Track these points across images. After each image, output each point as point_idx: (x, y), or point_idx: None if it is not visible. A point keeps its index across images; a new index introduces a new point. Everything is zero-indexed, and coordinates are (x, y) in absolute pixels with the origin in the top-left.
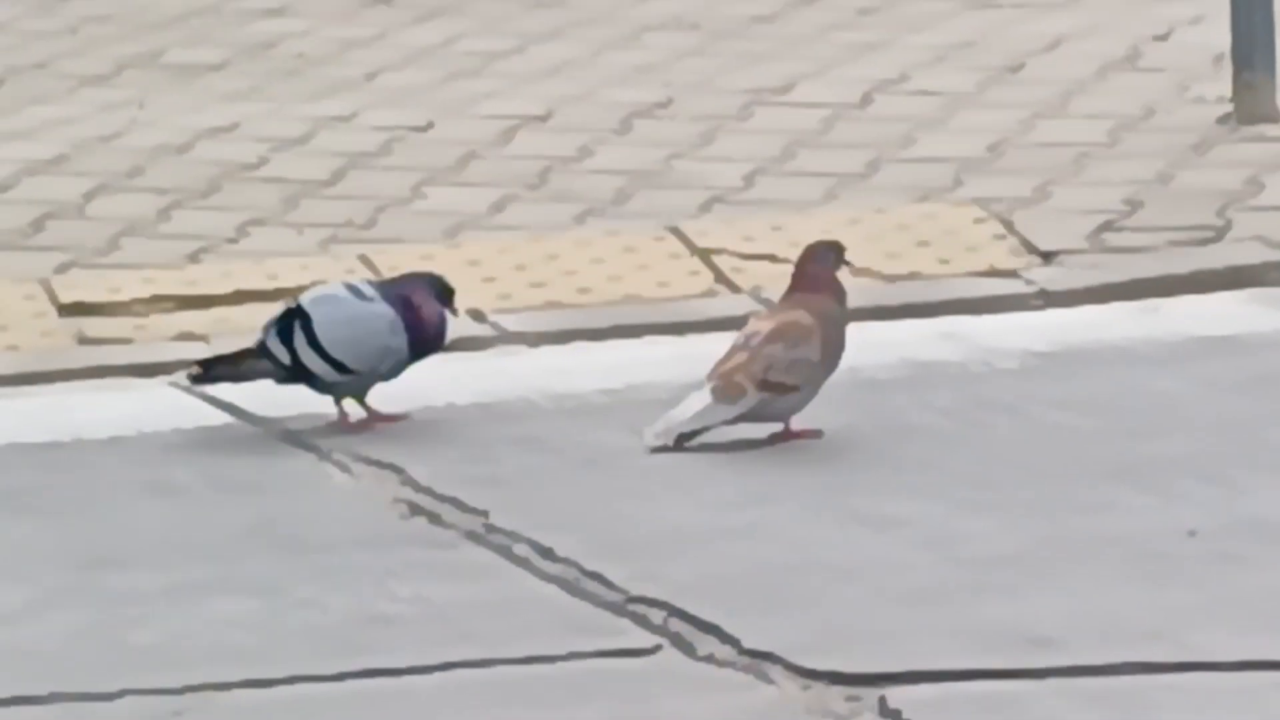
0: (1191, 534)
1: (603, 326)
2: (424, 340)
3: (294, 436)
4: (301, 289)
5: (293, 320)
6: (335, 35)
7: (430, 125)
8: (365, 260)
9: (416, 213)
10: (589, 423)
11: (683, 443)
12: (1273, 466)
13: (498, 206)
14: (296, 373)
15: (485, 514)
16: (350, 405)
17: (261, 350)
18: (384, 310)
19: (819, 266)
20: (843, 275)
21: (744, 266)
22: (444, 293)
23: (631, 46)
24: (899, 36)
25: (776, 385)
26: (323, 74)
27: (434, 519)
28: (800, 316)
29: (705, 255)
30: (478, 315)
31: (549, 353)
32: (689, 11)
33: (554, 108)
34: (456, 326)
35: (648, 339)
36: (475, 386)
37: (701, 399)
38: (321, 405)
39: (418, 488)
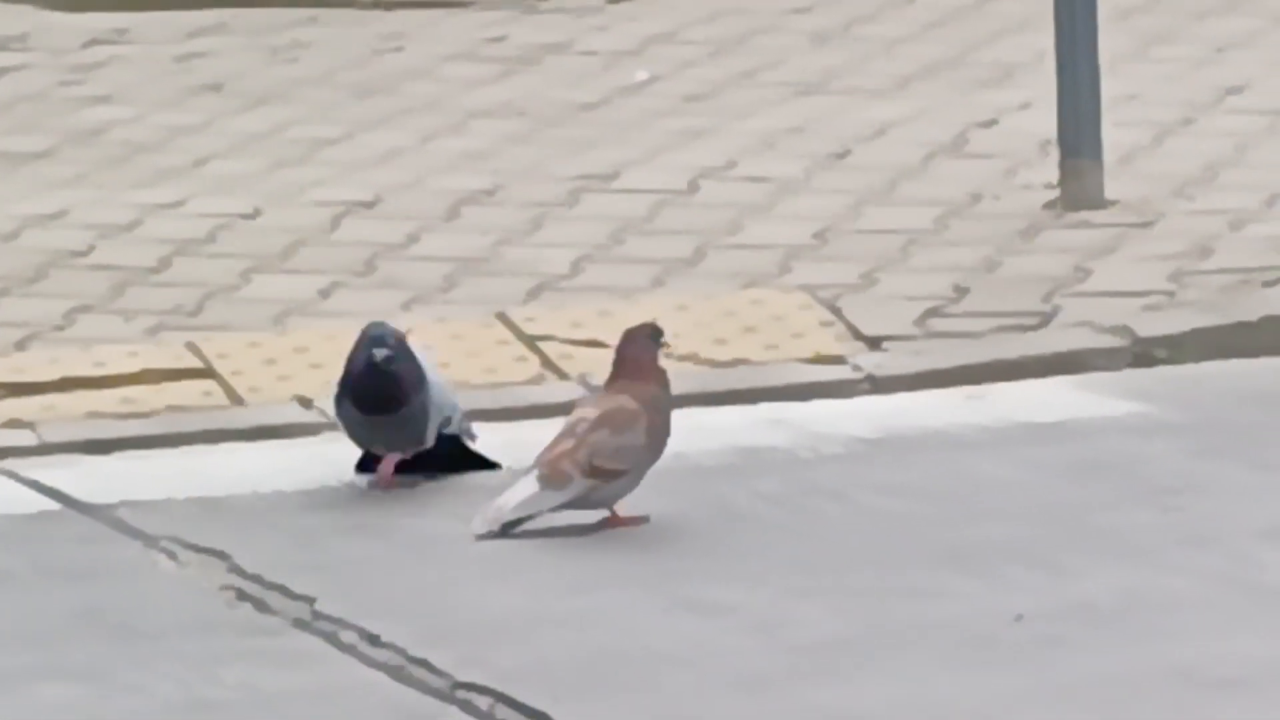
0: (1018, 619)
1: None
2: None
3: (121, 523)
4: (130, 376)
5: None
6: (163, 122)
7: (258, 212)
8: (193, 348)
9: (244, 300)
10: (416, 509)
11: (509, 530)
12: (1099, 551)
13: (325, 294)
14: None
15: (312, 600)
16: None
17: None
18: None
19: (639, 351)
20: (664, 359)
21: (572, 353)
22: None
23: (459, 134)
24: (726, 123)
25: (603, 471)
26: (150, 161)
27: (260, 606)
28: (625, 402)
29: (533, 342)
30: (305, 402)
31: None
32: (516, 99)
33: (381, 195)
34: (283, 413)
35: (475, 425)
36: (302, 473)
37: (528, 486)
38: (148, 491)
39: (244, 574)
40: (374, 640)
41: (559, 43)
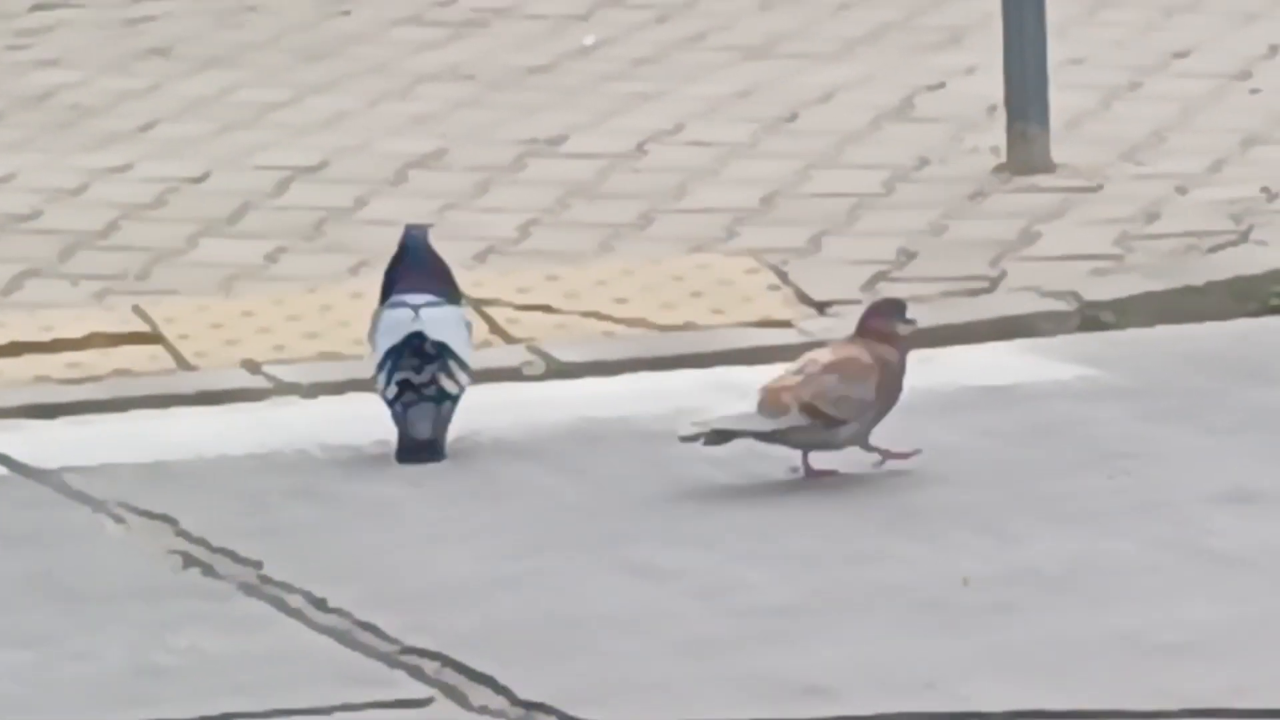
0: (965, 583)
1: None
2: None
3: (68, 488)
4: (77, 341)
5: (447, 360)
6: (110, 86)
7: (205, 176)
8: (140, 312)
9: (191, 264)
10: (363, 473)
11: (716, 439)
12: (1046, 516)
13: (272, 257)
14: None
15: (259, 565)
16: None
17: (445, 396)
18: (452, 307)
19: (882, 322)
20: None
21: (519, 317)
22: None
23: (406, 97)
24: (674, 87)
25: (819, 414)
26: (97, 125)
27: (208, 570)
28: (862, 355)
29: (480, 306)
30: (252, 366)
31: (324, 403)
32: (464, 63)
33: (329, 159)
34: (230, 378)
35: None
36: (249, 437)
37: (744, 405)
38: (95, 455)
39: (192, 539)
40: (321, 604)
41: (507, 6)
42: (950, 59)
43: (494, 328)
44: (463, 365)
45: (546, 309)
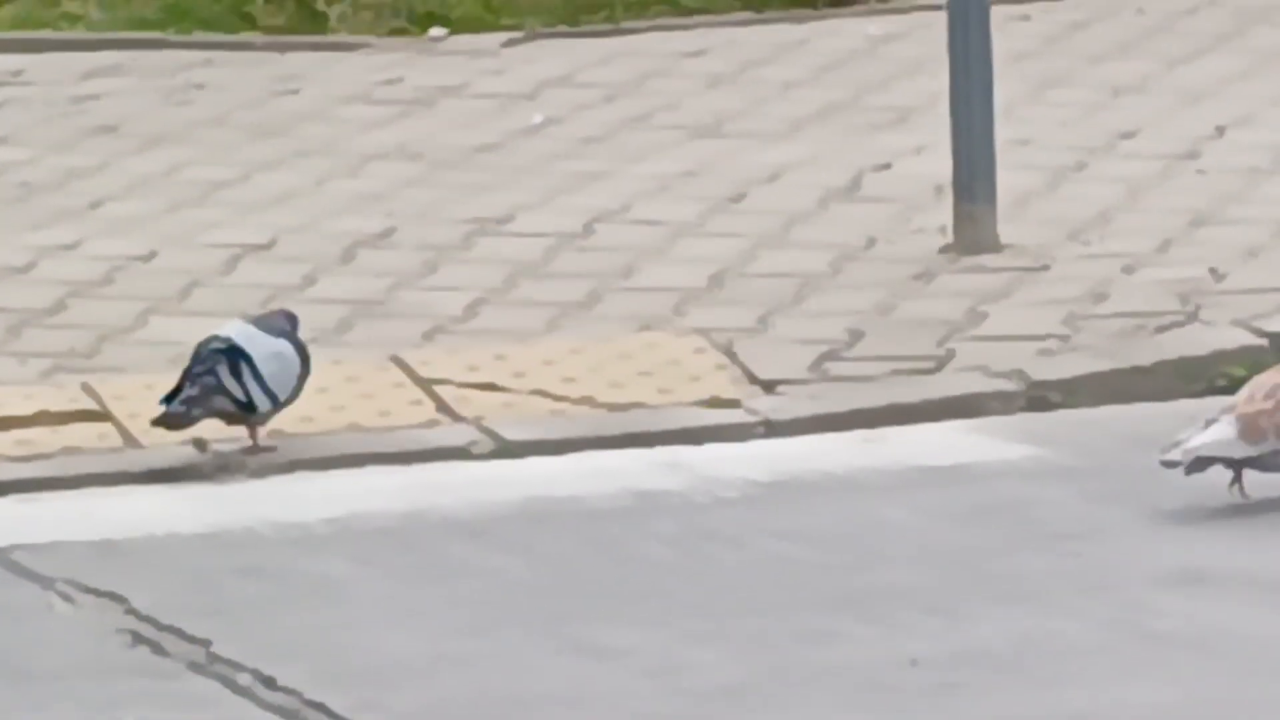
0: (913, 664)
1: (325, 456)
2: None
3: (16, 566)
4: (25, 418)
5: (237, 359)
6: (58, 164)
7: (154, 254)
8: (88, 390)
9: (140, 342)
10: (312, 552)
11: (1196, 467)
12: (994, 596)
13: None
14: (247, 407)
15: (208, 643)
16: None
17: (217, 389)
18: (289, 346)
19: None
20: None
21: (467, 396)
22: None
23: (354, 176)
24: (621, 166)
25: None
26: (46, 203)
27: (156, 649)
28: None
29: (428, 385)
30: (200, 444)
31: (272, 481)
32: (411, 141)
33: (277, 237)
34: (178, 455)
35: (370, 468)
36: (198, 515)
37: (1224, 430)
38: (44, 533)
39: (140, 617)
40: (270, 683)
41: (454, 85)
42: (898, 139)
43: (442, 406)
44: (259, 379)
45: (494, 388)
